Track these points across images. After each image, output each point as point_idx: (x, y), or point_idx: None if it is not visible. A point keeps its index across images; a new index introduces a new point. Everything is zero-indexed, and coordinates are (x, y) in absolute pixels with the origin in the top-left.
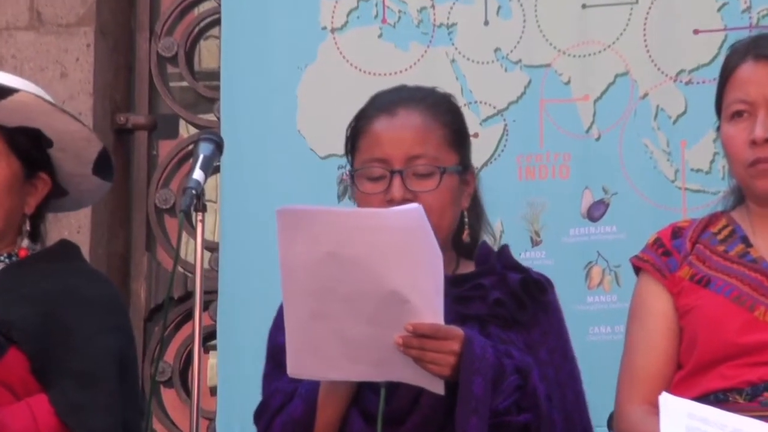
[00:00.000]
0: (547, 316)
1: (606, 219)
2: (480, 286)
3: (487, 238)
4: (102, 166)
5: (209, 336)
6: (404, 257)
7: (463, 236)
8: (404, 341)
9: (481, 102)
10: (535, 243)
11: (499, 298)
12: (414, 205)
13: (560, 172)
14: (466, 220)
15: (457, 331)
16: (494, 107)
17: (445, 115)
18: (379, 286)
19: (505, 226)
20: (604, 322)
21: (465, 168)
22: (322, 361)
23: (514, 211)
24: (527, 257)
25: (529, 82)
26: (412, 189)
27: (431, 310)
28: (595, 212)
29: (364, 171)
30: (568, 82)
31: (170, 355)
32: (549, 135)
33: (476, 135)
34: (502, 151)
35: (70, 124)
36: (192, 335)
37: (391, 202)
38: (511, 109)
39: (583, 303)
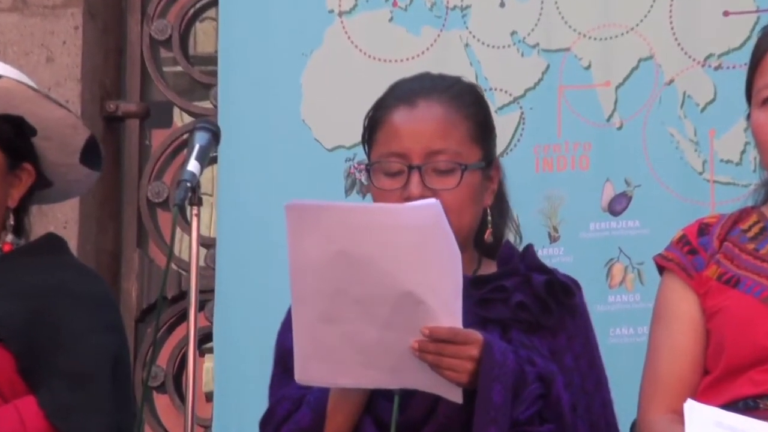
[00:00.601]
0: (574, 320)
1: (628, 213)
2: (502, 288)
3: (512, 236)
4: (90, 154)
5: (205, 338)
6: (420, 256)
7: (485, 236)
8: (420, 346)
9: (496, 89)
10: (552, 239)
11: (522, 301)
12: (431, 201)
13: (580, 163)
14: (489, 218)
15: (476, 335)
16: (510, 94)
17: (469, 107)
18: (393, 287)
19: (520, 221)
20: (626, 323)
21: (488, 163)
22: (332, 366)
23: (531, 205)
24: (544, 254)
25: (547, 67)
26: (431, 186)
27: (449, 312)
28: (617, 206)
29: (381, 165)
30: (588, 67)
31: (163, 358)
32: (568, 124)
33: None
34: (518, 141)
35: (55, 110)
36: (186, 337)
37: (409, 200)
38: (528, 96)
39: (603, 303)
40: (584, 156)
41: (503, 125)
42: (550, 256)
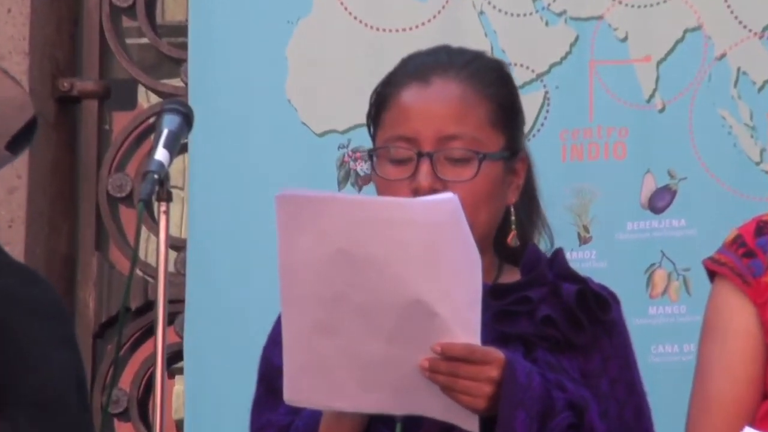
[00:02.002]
0: (610, 339)
1: (672, 210)
2: (526, 299)
3: (543, 241)
4: (22, 139)
5: (175, 357)
6: (434, 259)
7: (507, 238)
8: (430, 365)
9: (516, 64)
10: (583, 240)
11: (550, 315)
12: (448, 195)
13: (615, 151)
14: (513, 218)
15: (497, 353)
16: (533, 71)
17: (491, 86)
18: (400, 294)
19: None
20: (670, 340)
21: (513, 154)
22: (327, 386)
23: (557, 201)
24: (573, 258)
25: (576, 38)
26: (443, 177)
27: (465, 326)
28: (659, 202)
29: (387, 151)
30: (624, 39)
31: (126, 380)
32: (601, 105)
33: None
34: (542, 125)
35: (10, 89)
36: (153, 356)
37: (417, 192)
38: (554, 72)
39: (643, 316)
40: (620, 143)
41: (524, 107)
42: (579, 260)
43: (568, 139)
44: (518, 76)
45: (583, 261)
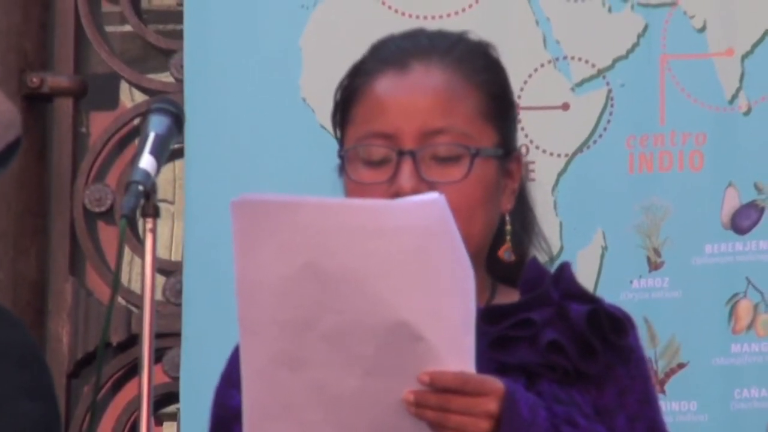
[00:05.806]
0: (627, 368)
1: (759, 231)
2: (527, 321)
3: (539, 257)
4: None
5: (164, 399)
6: (419, 273)
7: (499, 252)
8: (417, 398)
9: (573, 58)
10: (653, 266)
11: (556, 340)
12: (433, 195)
13: (691, 161)
14: (508, 227)
15: (495, 383)
16: (593, 65)
17: (481, 73)
18: (381, 316)
19: (608, 241)
20: (757, 382)
21: (508, 152)
22: (295, 428)
23: (623, 219)
24: (642, 287)
25: (645, 28)
26: (428, 178)
27: (457, 351)
28: (743, 221)
29: (360, 151)
30: (702, 29)
31: (106, 427)
32: (674, 107)
33: (566, 106)
34: (605, 130)
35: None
36: (138, 399)
37: (398, 196)
38: (619, 68)
39: (725, 354)
40: (697, 151)
41: (583, 108)
42: (649, 289)
43: (635, 146)
44: (576, 73)
45: (653, 290)
